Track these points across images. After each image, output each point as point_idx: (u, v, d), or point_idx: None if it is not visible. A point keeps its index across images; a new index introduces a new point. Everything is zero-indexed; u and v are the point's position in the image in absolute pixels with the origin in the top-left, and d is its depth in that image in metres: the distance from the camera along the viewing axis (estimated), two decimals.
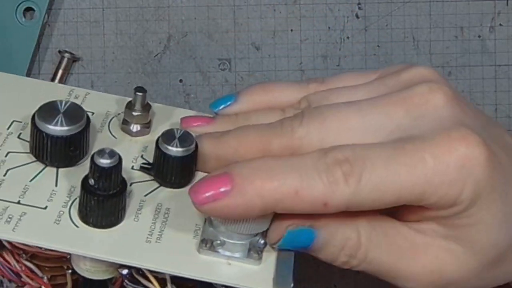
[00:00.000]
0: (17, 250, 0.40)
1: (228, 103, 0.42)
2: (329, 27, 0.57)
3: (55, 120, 0.39)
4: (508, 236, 0.39)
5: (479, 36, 0.59)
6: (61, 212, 0.39)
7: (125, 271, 0.39)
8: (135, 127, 0.44)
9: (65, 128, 0.39)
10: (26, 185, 0.40)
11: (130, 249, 0.38)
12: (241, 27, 0.57)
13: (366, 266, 0.38)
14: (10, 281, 0.42)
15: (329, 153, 0.37)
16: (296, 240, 0.38)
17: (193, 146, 0.40)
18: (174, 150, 0.40)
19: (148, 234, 0.38)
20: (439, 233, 0.38)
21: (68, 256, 0.40)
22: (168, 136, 0.40)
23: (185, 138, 0.40)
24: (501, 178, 0.38)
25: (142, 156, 0.42)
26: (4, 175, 0.40)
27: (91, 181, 0.37)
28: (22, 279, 0.41)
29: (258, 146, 0.39)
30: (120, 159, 0.37)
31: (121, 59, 0.57)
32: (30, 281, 0.41)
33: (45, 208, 0.39)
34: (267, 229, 0.38)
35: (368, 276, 0.61)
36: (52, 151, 0.40)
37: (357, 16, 0.58)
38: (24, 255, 0.40)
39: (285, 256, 0.39)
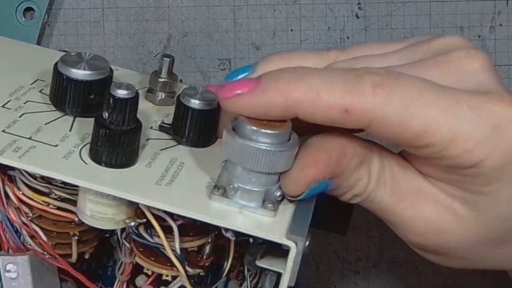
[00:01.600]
0: (24, 206, 0.39)
1: (246, 73, 0.41)
2: (329, 27, 0.57)
3: (78, 65, 0.39)
4: None
5: (479, 36, 0.59)
6: (72, 151, 0.38)
7: (132, 223, 0.37)
8: (159, 95, 0.43)
9: (88, 72, 0.39)
10: (40, 127, 0.39)
11: (140, 188, 0.36)
12: (241, 27, 0.57)
13: (367, 203, 0.38)
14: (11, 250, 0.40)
15: (361, 68, 0.35)
16: (313, 191, 0.36)
17: (215, 102, 0.39)
18: (196, 102, 0.39)
19: (159, 178, 0.37)
20: (446, 190, 0.37)
21: (76, 219, 0.39)
22: (190, 91, 0.39)
23: (208, 94, 0.39)
24: None
25: (162, 121, 0.42)
26: (20, 117, 0.40)
27: (105, 114, 0.36)
28: (25, 244, 0.40)
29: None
30: (137, 93, 0.36)
31: (121, 59, 0.57)
32: (34, 246, 0.40)
33: (56, 146, 0.38)
34: (285, 183, 0.37)
35: (368, 276, 0.61)
36: (72, 95, 0.39)
37: (357, 16, 0.58)
38: (30, 214, 0.39)
39: (303, 209, 0.37)
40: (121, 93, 0.36)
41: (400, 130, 0.35)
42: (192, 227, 0.38)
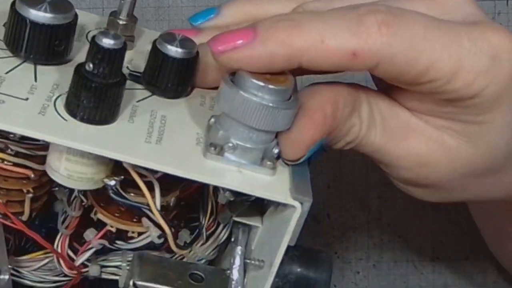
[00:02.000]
0: None
1: (210, 16, 0.39)
2: None
3: (40, 6, 0.34)
4: (511, 143, 0.37)
5: None
6: (46, 105, 0.34)
7: (112, 182, 0.35)
8: None
9: (51, 15, 0.34)
10: (1, 76, 0.35)
11: (129, 146, 0.33)
12: None
13: (360, 147, 0.37)
14: None
15: (361, 6, 0.34)
16: (312, 153, 0.35)
17: (195, 50, 0.36)
18: (177, 51, 0.35)
19: (147, 135, 0.34)
20: (435, 123, 0.37)
21: (32, 176, 0.35)
22: (168, 37, 0.36)
23: (187, 42, 0.36)
24: None
25: (127, 67, 0.38)
26: None
27: (89, 66, 0.32)
28: None
29: None
30: (125, 43, 0.33)
31: None
32: None
33: (26, 99, 0.34)
34: (284, 145, 0.35)
35: (368, 276, 0.61)
36: (35, 40, 0.35)
37: None
38: None
39: (299, 170, 0.35)
40: (109, 43, 0.32)
41: (407, 68, 0.34)
42: (165, 182, 0.36)
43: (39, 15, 0.34)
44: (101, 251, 0.38)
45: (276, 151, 0.35)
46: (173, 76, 0.36)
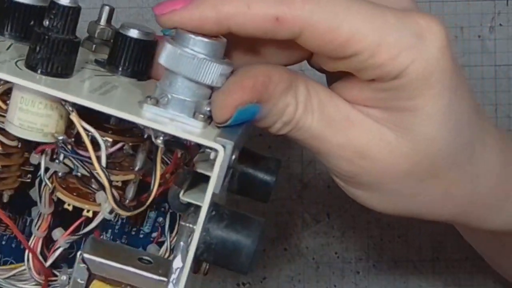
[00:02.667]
0: None
1: None
2: None
3: None
4: (451, 141, 0.38)
5: (479, 36, 0.59)
6: (6, 61, 0.38)
7: (61, 137, 0.38)
8: (97, 42, 0.43)
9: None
10: None
11: (75, 90, 0.36)
12: None
13: (297, 132, 0.38)
14: None
15: None
16: (241, 117, 0.37)
17: (154, 35, 0.40)
18: (135, 32, 0.40)
19: (93, 89, 0.37)
20: (374, 116, 0.38)
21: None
22: (129, 23, 0.40)
23: (147, 28, 0.40)
24: (454, 72, 0.37)
25: (95, 59, 0.42)
26: None
27: (45, 22, 0.37)
28: None
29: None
30: (79, 6, 0.37)
31: None
32: None
33: None
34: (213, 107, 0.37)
35: (368, 276, 0.61)
36: (13, 20, 0.39)
37: None
38: None
39: (231, 128, 0.37)
40: (64, 1, 0.37)
41: (329, 37, 0.36)
42: (117, 164, 0.39)
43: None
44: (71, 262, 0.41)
45: (208, 108, 0.37)
46: (130, 56, 0.40)
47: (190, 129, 0.36)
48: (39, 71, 0.37)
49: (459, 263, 0.61)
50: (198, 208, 0.36)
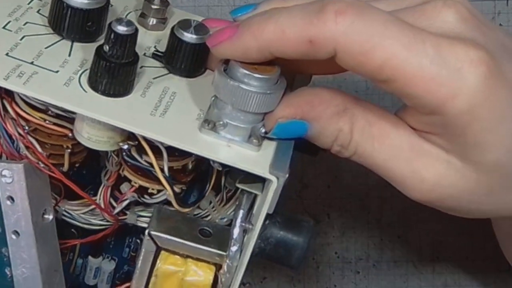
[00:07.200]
0: (21, 120, 0.41)
1: (248, 11, 0.41)
2: None
3: None
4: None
5: None
6: (71, 78, 0.40)
7: (125, 146, 0.40)
8: (151, 21, 0.44)
9: (85, 1, 0.40)
10: (40, 51, 0.41)
11: (135, 118, 0.39)
12: None
13: (358, 158, 0.38)
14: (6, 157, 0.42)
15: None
16: (288, 131, 0.38)
17: (207, 36, 0.41)
18: (189, 36, 0.41)
19: (153, 109, 0.40)
20: (440, 144, 0.37)
21: (70, 135, 0.41)
22: (184, 24, 0.41)
23: (201, 28, 0.41)
24: (508, 96, 0.36)
25: (155, 47, 0.44)
26: (20, 40, 0.41)
27: (106, 48, 0.38)
28: (20, 152, 0.42)
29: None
30: (136, 29, 0.38)
31: None
32: (29, 155, 0.42)
33: (57, 72, 0.40)
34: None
35: (368, 276, 0.61)
36: (70, 22, 0.41)
37: None
38: (27, 127, 0.41)
39: (284, 147, 0.40)
40: (122, 29, 0.38)
41: (363, 60, 0.35)
42: (177, 148, 0.40)
43: (77, 0, 0.40)
44: (138, 204, 0.45)
45: (263, 130, 0.39)
46: (186, 59, 0.42)
47: (245, 155, 0.39)
48: (101, 93, 0.39)
49: (459, 263, 0.61)
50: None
